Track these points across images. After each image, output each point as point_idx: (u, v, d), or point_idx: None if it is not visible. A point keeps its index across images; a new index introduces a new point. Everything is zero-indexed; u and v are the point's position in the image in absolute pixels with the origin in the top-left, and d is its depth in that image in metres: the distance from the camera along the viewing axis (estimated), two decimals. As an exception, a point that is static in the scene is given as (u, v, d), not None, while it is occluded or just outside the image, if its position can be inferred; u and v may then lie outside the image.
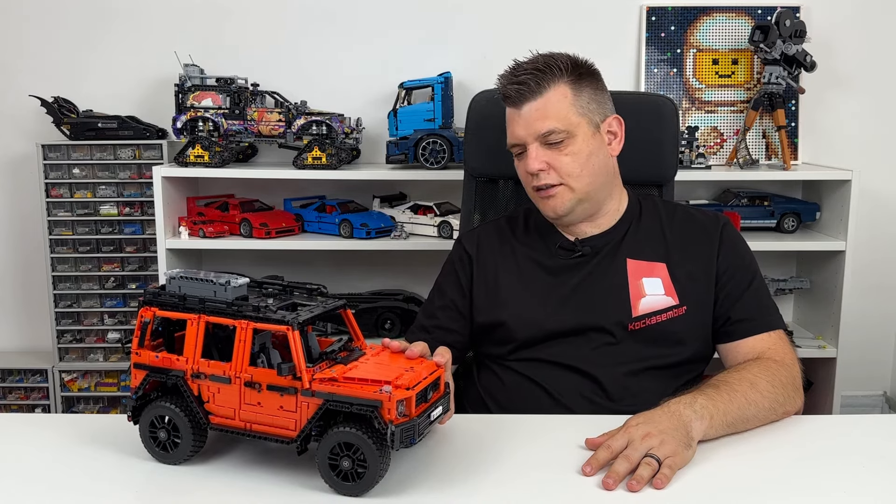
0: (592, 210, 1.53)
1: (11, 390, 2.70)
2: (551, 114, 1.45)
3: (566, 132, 1.45)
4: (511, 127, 1.50)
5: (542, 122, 1.45)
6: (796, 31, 2.48)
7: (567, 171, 1.46)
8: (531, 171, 1.46)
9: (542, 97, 1.45)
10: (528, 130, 1.46)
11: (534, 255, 1.56)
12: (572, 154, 1.46)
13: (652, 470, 1.07)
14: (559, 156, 1.46)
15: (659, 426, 1.14)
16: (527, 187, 1.53)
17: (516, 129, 1.48)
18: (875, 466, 1.14)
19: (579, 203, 1.49)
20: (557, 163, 1.46)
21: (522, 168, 1.50)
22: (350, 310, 1.14)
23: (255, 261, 2.71)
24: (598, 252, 1.53)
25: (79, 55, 2.66)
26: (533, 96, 1.45)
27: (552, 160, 1.46)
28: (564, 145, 1.45)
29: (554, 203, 1.48)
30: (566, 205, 1.48)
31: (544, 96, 1.45)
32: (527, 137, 1.46)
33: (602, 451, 1.12)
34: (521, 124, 1.47)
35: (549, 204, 1.49)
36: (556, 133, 1.44)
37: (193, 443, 1.09)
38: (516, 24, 2.63)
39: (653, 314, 1.46)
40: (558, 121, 1.45)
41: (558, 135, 1.44)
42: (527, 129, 1.46)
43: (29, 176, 2.67)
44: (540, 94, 1.45)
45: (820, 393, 2.54)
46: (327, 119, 2.41)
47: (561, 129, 1.44)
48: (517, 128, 1.48)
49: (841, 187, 2.43)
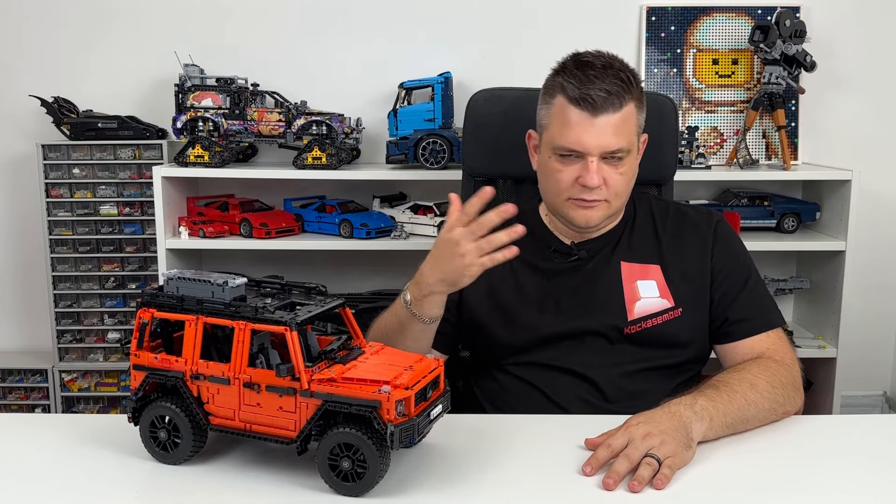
0: (610, 221, 1.52)
1: (11, 390, 2.70)
2: (623, 133, 1.41)
3: (628, 152, 1.43)
4: (575, 132, 1.40)
5: (616, 140, 1.40)
6: (796, 31, 2.48)
7: (617, 189, 1.44)
8: (592, 185, 1.41)
9: (620, 113, 1.40)
10: (599, 143, 1.40)
11: (527, 258, 1.53)
12: (625, 174, 1.44)
13: (652, 470, 1.07)
14: (614, 173, 1.42)
15: (659, 426, 1.14)
16: (560, 193, 1.46)
17: (585, 136, 1.40)
18: (875, 466, 1.14)
19: (609, 216, 1.48)
20: (611, 180, 1.42)
21: (569, 175, 1.43)
22: (349, 308, 1.14)
23: (255, 261, 2.71)
24: (593, 256, 1.52)
25: (79, 55, 2.66)
26: (613, 109, 1.39)
27: (608, 177, 1.42)
28: (621, 164, 1.43)
29: (590, 214, 1.45)
30: (600, 217, 1.46)
31: (621, 112, 1.40)
32: (593, 149, 1.40)
33: (602, 450, 1.12)
34: (592, 134, 1.39)
35: (586, 214, 1.45)
36: (622, 152, 1.41)
37: (193, 443, 1.09)
38: (516, 24, 2.63)
39: (648, 317, 1.45)
40: (627, 141, 1.42)
41: (622, 153, 1.42)
42: (598, 140, 1.39)
43: (29, 176, 2.67)
44: (620, 108, 1.40)
45: (820, 393, 2.54)
46: (327, 119, 2.41)
47: (626, 148, 1.42)
48: (586, 136, 1.40)
49: (841, 187, 2.43)
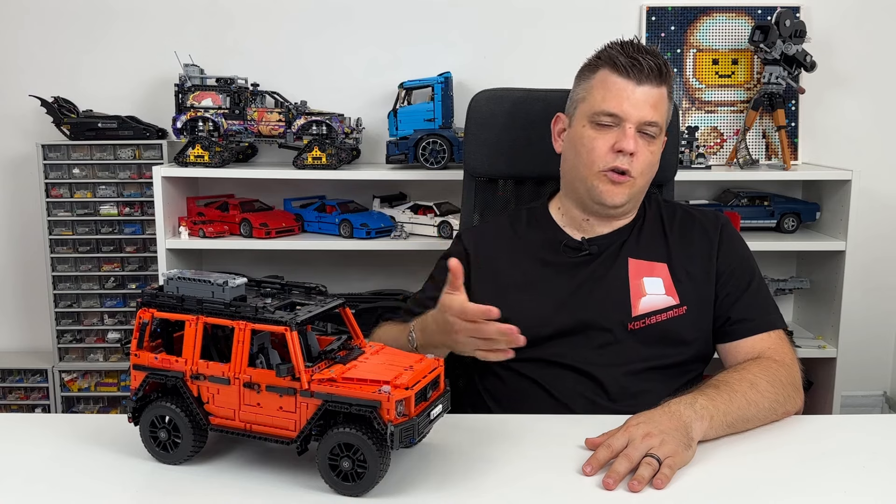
0: (629, 210, 1.54)
1: (11, 390, 2.70)
2: (661, 108, 1.46)
3: (659, 130, 1.47)
4: (616, 97, 1.44)
5: (653, 111, 1.44)
6: (796, 31, 2.48)
7: (643, 166, 1.47)
8: (628, 150, 1.43)
9: (660, 88, 1.46)
10: (639, 111, 1.43)
11: (536, 253, 1.56)
12: (654, 154, 1.48)
13: (652, 470, 1.07)
14: (645, 149, 1.46)
15: (659, 426, 1.14)
16: (593, 163, 1.47)
17: (625, 103, 1.43)
18: (875, 466, 1.14)
19: (631, 199, 1.50)
20: (642, 155, 1.46)
21: (605, 142, 1.45)
22: (349, 308, 1.14)
23: (255, 261, 2.71)
24: (601, 252, 1.53)
25: (79, 55, 2.66)
26: (656, 82, 1.45)
27: (639, 150, 1.45)
28: (653, 142, 1.47)
29: (617, 191, 1.47)
30: (625, 197, 1.48)
31: (660, 90, 1.46)
32: (633, 115, 1.43)
33: (602, 451, 1.12)
34: (633, 101, 1.43)
35: (615, 190, 1.47)
36: (656, 127, 1.46)
37: (194, 443, 1.09)
38: (516, 24, 2.63)
39: (653, 313, 1.46)
40: (661, 118, 1.47)
41: (655, 129, 1.46)
42: (638, 109, 1.43)
43: (29, 176, 2.67)
44: (661, 84, 1.46)
45: (820, 393, 2.54)
46: (327, 119, 2.41)
47: (659, 125, 1.46)
48: (626, 102, 1.43)
49: (841, 187, 2.43)
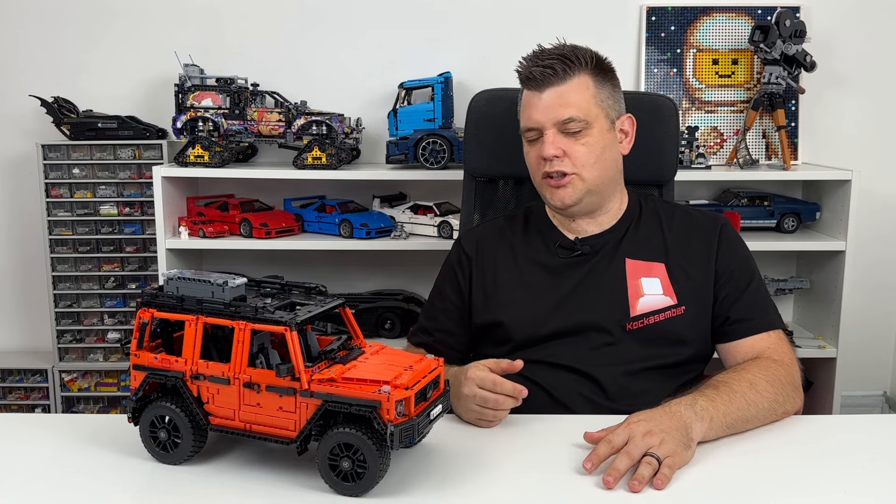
0: (597, 205, 1.53)
1: (11, 390, 2.70)
2: (573, 102, 1.45)
3: (585, 122, 1.45)
4: (528, 110, 1.48)
5: (564, 109, 1.45)
6: (796, 31, 2.48)
7: (582, 160, 1.46)
8: (546, 156, 1.45)
9: (565, 84, 1.45)
10: (548, 115, 1.45)
11: (533, 254, 1.56)
12: (588, 145, 1.46)
13: (652, 470, 1.08)
14: (575, 144, 1.46)
15: (660, 425, 1.14)
16: (535, 175, 1.52)
17: (534, 112, 1.47)
18: (875, 466, 1.14)
19: (588, 195, 1.49)
20: (573, 151, 1.46)
21: (535, 154, 1.49)
22: (349, 308, 1.14)
23: (255, 261, 2.71)
24: (597, 251, 1.53)
25: (79, 55, 2.66)
26: (557, 81, 1.45)
27: (568, 148, 1.46)
28: (582, 135, 1.46)
29: (563, 193, 1.48)
30: (575, 195, 1.48)
31: (568, 83, 1.45)
32: (545, 122, 1.45)
33: (602, 447, 1.12)
34: (540, 108, 1.46)
35: (559, 193, 1.48)
36: (575, 121, 1.45)
37: (194, 443, 1.09)
38: (516, 24, 2.63)
39: (651, 314, 1.46)
40: (579, 110, 1.45)
41: (577, 123, 1.45)
42: (546, 113, 1.45)
43: (29, 176, 2.67)
44: (564, 80, 1.45)
45: (820, 393, 2.54)
46: (327, 119, 2.41)
47: (581, 118, 1.45)
48: (535, 112, 1.47)
49: (841, 187, 2.43)
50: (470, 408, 1.29)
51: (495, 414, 1.28)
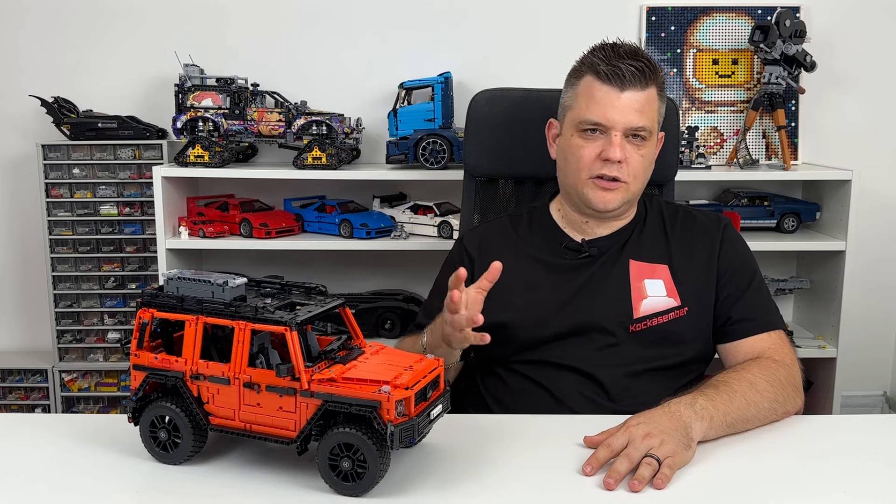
0: (625, 212, 1.54)
1: (11, 390, 2.70)
2: (648, 111, 1.45)
3: (650, 133, 1.46)
4: (600, 105, 1.44)
5: (640, 116, 1.44)
6: (796, 31, 2.48)
7: (636, 171, 1.46)
8: (613, 158, 1.43)
9: (645, 91, 1.45)
10: (625, 118, 1.43)
11: (537, 254, 1.56)
12: (645, 157, 1.47)
13: (653, 470, 1.07)
14: (635, 153, 1.45)
15: (659, 426, 1.14)
16: (581, 171, 1.48)
17: (609, 111, 1.43)
18: (875, 466, 1.14)
19: (626, 203, 1.50)
20: (632, 159, 1.45)
21: (591, 150, 1.46)
22: (349, 308, 1.14)
23: (255, 261, 2.71)
24: (602, 253, 1.53)
25: (79, 55, 2.66)
26: (640, 86, 1.44)
27: (629, 155, 1.45)
28: (642, 146, 1.46)
29: (609, 197, 1.47)
30: (618, 202, 1.48)
31: (647, 91, 1.45)
32: (618, 123, 1.43)
33: (602, 450, 1.12)
34: (618, 108, 1.43)
35: (606, 197, 1.47)
36: (644, 131, 1.45)
37: (194, 443, 1.09)
38: (516, 24, 2.63)
39: (654, 315, 1.46)
40: (650, 121, 1.45)
41: (645, 133, 1.45)
42: (623, 116, 1.43)
43: (29, 176, 2.67)
44: (646, 87, 1.45)
45: (820, 393, 2.54)
46: (327, 119, 2.41)
47: (649, 129, 1.45)
48: (611, 110, 1.43)
49: (841, 187, 2.43)
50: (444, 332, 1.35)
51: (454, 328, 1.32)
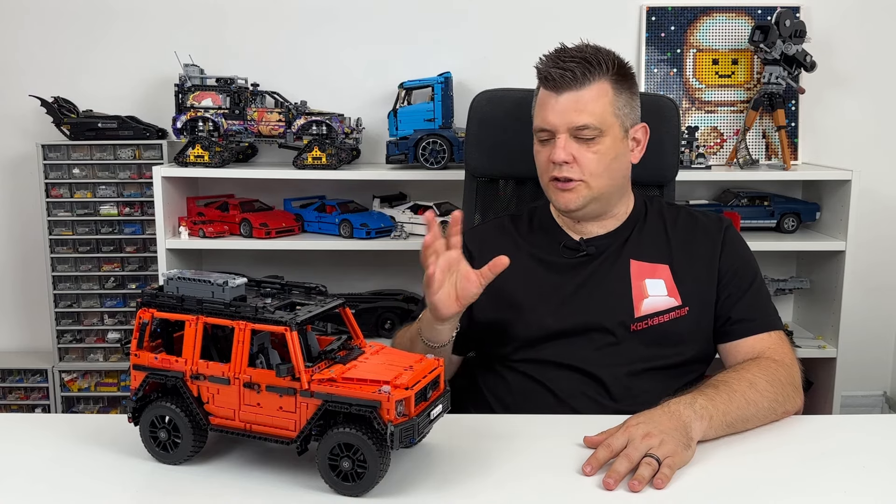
0: (602, 210, 1.53)
1: (11, 390, 2.70)
2: (589, 108, 1.44)
3: (599, 130, 1.44)
4: (543, 111, 1.47)
5: (579, 115, 1.43)
6: (796, 31, 2.48)
7: (591, 169, 1.45)
8: (556, 161, 1.45)
9: (584, 89, 1.44)
10: (563, 119, 1.44)
11: (538, 253, 1.56)
12: (599, 153, 1.45)
13: (652, 470, 1.07)
14: (586, 152, 1.45)
15: (659, 426, 1.14)
16: (542, 175, 1.51)
17: (549, 114, 1.45)
18: (875, 466, 1.14)
19: (593, 201, 1.49)
20: (583, 158, 1.45)
21: (544, 155, 1.48)
22: (349, 308, 1.14)
23: (255, 261, 2.71)
24: (602, 252, 1.53)
25: (79, 55, 2.66)
26: (575, 86, 1.43)
27: (578, 154, 1.45)
28: (594, 143, 1.45)
29: (568, 197, 1.48)
30: (580, 201, 1.48)
31: (587, 88, 1.44)
32: (559, 126, 1.45)
33: (602, 451, 1.12)
34: (556, 111, 1.45)
35: (564, 197, 1.48)
36: (589, 129, 1.44)
37: (194, 443, 1.09)
38: (516, 24, 2.63)
39: (655, 315, 1.46)
40: (594, 117, 1.44)
41: (591, 131, 1.44)
42: (561, 117, 1.44)
43: (29, 176, 2.67)
44: (584, 85, 1.44)
45: (820, 393, 2.54)
46: (327, 119, 2.41)
47: (595, 125, 1.44)
48: (551, 114, 1.45)
49: (841, 187, 2.43)
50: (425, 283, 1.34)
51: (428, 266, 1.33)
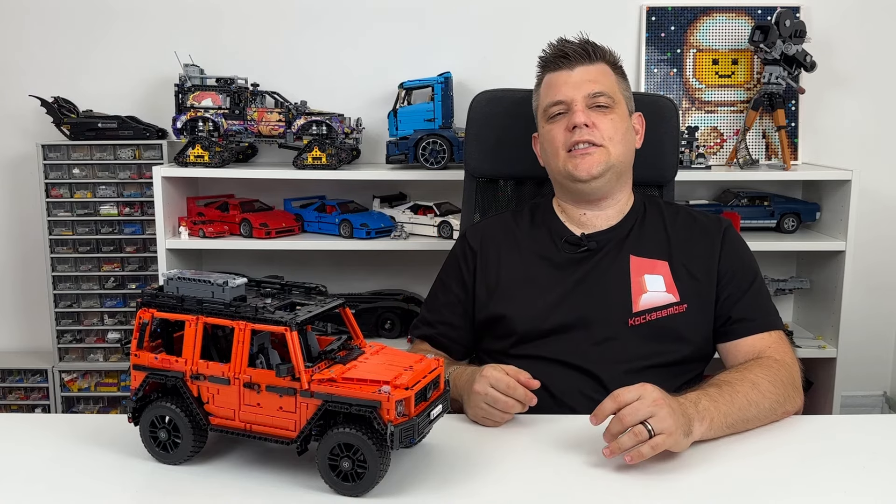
0: (612, 187, 1.55)
1: (11, 390, 2.70)
2: (603, 80, 1.54)
3: (612, 99, 1.52)
4: (555, 87, 1.54)
5: (594, 84, 1.52)
6: (796, 31, 2.48)
7: (609, 133, 1.51)
8: (577, 123, 1.49)
9: (595, 65, 1.55)
10: (579, 89, 1.51)
11: (538, 248, 1.57)
12: (615, 121, 1.52)
13: (634, 440, 1.10)
14: (603, 118, 1.51)
15: (671, 403, 1.15)
16: (558, 152, 1.53)
17: (564, 87, 1.52)
18: (875, 466, 1.15)
19: (610, 169, 1.52)
20: (601, 123, 1.51)
21: (559, 128, 1.53)
22: (349, 308, 1.14)
23: (255, 261, 2.71)
24: (602, 247, 1.54)
25: (79, 55, 2.66)
26: (587, 61, 1.54)
27: (596, 120, 1.51)
28: (609, 111, 1.52)
29: (590, 161, 1.50)
30: (600, 166, 1.50)
31: (597, 66, 1.55)
32: (576, 96, 1.51)
33: (609, 401, 1.14)
34: (572, 84, 1.52)
35: (585, 162, 1.50)
36: (605, 96, 1.52)
37: (194, 443, 1.09)
38: (516, 24, 2.63)
39: (653, 310, 1.47)
40: (608, 87, 1.53)
41: (607, 98, 1.52)
42: (577, 88, 1.51)
43: (29, 176, 2.67)
44: (594, 62, 1.55)
45: (820, 393, 2.54)
46: (327, 119, 2.41)
47: (609, 94, 1.52)
48: (566, 87, 1.52)
49: (841, 187, 2.43)
50: (478, 405, 1.30)
51: (502, 416, 1.29)
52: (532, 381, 1.30)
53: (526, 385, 1.29)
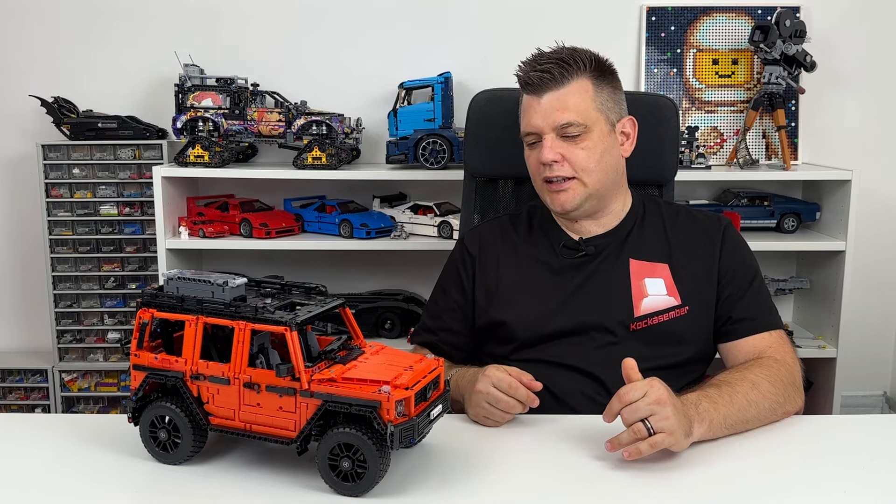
0: (598, 207, 1.53)
1: (11, 390, 2.70)
2: (571, 106, 1.45)
3: (584, 126, 1.45)
4: (527, 115, 1.49)
5: (562, 114, 1.44)
6: (796, 31, 2.48)
7: (581, 164, 1.46)
8: (545, 161, 1.45)
9: (563, 88, 1.45)
10: (546, 120, 1.45)
11: (537, 253, 1.56)
12: (587, 149, 1.46)
13: (633, 438, 1.11)
14: (574, 149, 1.46)
15: (675, 403, 1.15)
16: (535, 179, 1.51)
17: (533, 117, 1.47)
18: (875, 466, 1.15)
19: (588, 199, 1.49)
20: (572, 156, 1.45)
21: (534, 158, 1.49)
22: (349, 308, 1.14)
23: (254, 261, 2.71)
24: (601, 252, 1.53)
25: (79, 55, 2.66)
26: (555, 86, 1.45)
27: (567, 153, 1.45)
28: (581, 139, 1.46)
29: (564, 198, 1.48)
30: (575, 200, 1.48)
31: (566, 87, 1.45)
32: (544, 127, 1.46)
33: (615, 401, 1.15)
34: (539, 113, 1.46)
35: (559, 198, 1.48)
36: (574, 126, 1.44)
37: (193, 443, 1.09)
38: (516, 24, 2.63)
39: (655, 314, 1.46)
40: (577, 114, 1.45)
41: (576, 128, 1.45)
42: (545, 118, 1.45)
43: (29, 176, 2.67)
44: (562, 84, 1.45)
45: (820, 393, 2.54)
46: (327, 119, 2.41)
47: (579, 122, 1.45)
48: (534, 116, 1.47)
49: (841, 187, 2.43)
50: (480, 404, 1.30)
51: (503, 416, 1.29)
52: (534, 383, 1.30)
53: (528, 386, 1.29)
